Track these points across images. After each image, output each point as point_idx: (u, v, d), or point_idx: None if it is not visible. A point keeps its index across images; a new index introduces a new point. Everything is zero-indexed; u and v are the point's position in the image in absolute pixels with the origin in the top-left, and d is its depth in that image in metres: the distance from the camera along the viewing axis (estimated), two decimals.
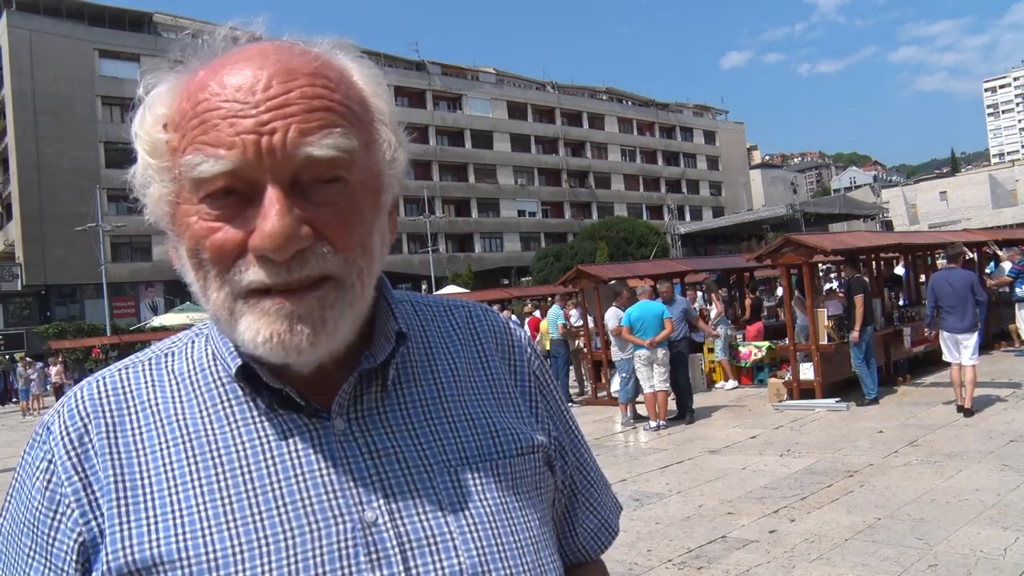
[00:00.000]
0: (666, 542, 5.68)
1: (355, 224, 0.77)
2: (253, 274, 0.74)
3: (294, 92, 0.74)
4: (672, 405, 10.96)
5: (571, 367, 14.77)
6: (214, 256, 0.75)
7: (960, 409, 9.07)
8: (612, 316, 11.02)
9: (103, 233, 39.25)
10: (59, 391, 25.55)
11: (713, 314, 13.91)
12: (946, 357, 9.25)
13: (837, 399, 10.66)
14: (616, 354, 11.05)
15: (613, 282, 12.69)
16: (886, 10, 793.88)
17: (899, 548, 5.03)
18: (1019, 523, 5.25)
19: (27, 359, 27.72)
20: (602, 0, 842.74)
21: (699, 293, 15.80)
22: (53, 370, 25.91)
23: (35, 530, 0.80)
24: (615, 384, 11.90)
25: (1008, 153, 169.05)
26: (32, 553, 0.81)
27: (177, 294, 46.04)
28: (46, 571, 0.79)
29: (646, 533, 5.91)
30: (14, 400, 29.15)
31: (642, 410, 10.92)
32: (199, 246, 0.75)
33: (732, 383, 13.44)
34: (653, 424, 10.49)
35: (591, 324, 13.88)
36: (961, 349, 8.95)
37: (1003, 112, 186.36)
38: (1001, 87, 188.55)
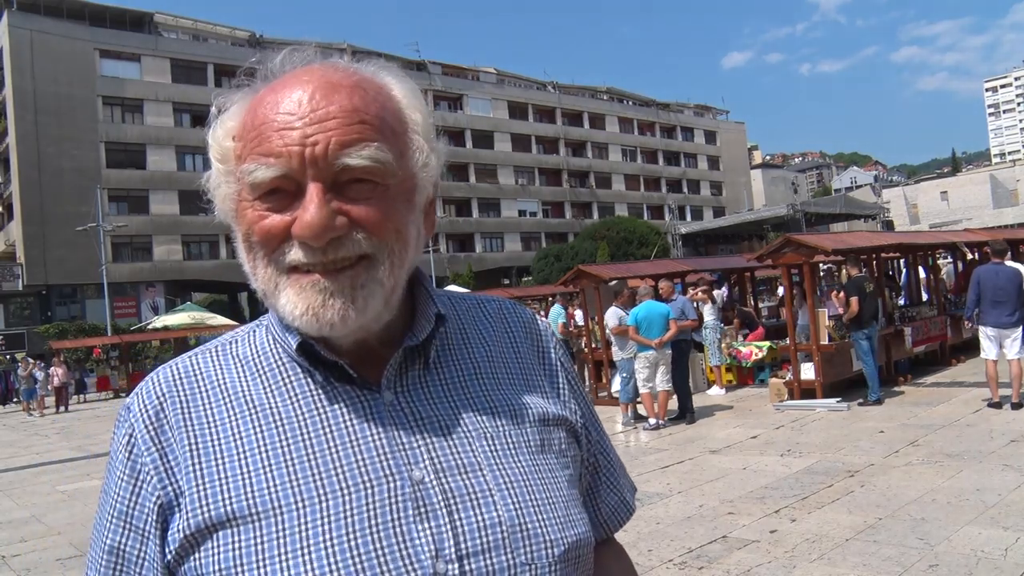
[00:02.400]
0: (667, 542, 5.68)
1: (389, 213, 0.87)
2: (294, 254, 0.85)
3: (334, 106, 0.85)
4: (672, 405, 10.97)
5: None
6: (262, 239, 0.87)
7: (991, 404, 9.13)
8: (612, 316, 11.03)
9: (104, 233, 39.23)
10: (61, 392, 25.33)
11: (707, 315, 13.70)
12: (985, 353, 9.25)
13: (838, 399, 10.66)
14: (617, 354, 11.06)
15: (614, 282, 12.69)
16: (887, 10, 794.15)
17: (900, 548, 5.02)
18: (1020, 523, 5.24)
19: (28, 359, 27.51)
20: (603, 0, 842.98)
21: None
22: (60, 371, 25.64)
23: (117, 497, 0.92)
24: (616, 384, 11.90)
25: (1009, 153, 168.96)
26: (111, 517, 0.92)
27: (178, 294, 46.18)
28: (125, 531, 0.91)
29: (647, 533, 5.91)
30: (15, 400, 29.04)
31: (643, 410, 10.92)
32: (250, 231, 0.87)
33: (719, 390, 13.26)
34: (652, 422, 10.52)
35: (592, 324, 13.88)
36: (1008, 343, 8.97)
37: (1004, 112, 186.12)
38: (1002, 87, 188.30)
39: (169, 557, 0.87)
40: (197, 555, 0.85)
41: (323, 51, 0.96)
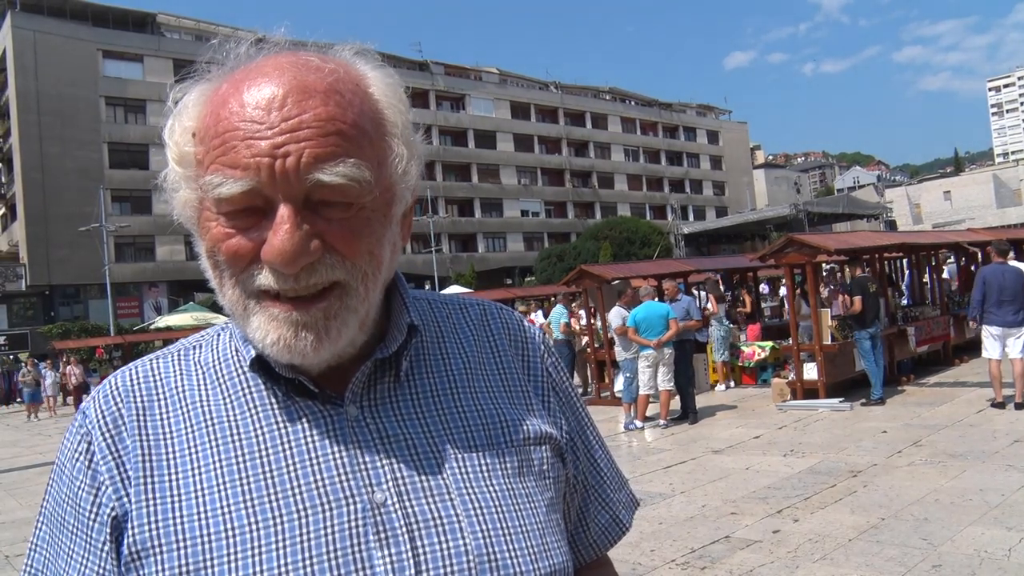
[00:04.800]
0: (669, 542, 5.68)
1: (364, 236, 0.81)
2: (264, 279, 0.79)
3: (308, 114, 0.77)
4: (675, 405, 10.97)
5: (575, 367, 14.74)
6: (229, 259, 0.80)
7: (994, 404, 9.12)
8: (615, 316, 11.03)
9: (107, 233, 39.25)
10: (78, 392, 24.83)
11: (709, 311, 13.81)
12: (987, 353, 9.24)
13: (841, 399, 10.65)
14: (620, 354, 11.06)
15: (616, 282, 12.69)
16: (890, 10, 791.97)
17: (903, 548, 5.02)
18: (1023, 523, 5.24)
19: (33, 359, 27.24)
20: (606, 0, 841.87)
21: (701, 293, 15.80)
22: (78, 371, 25.14)
23: (78, 508, 0.85)
24: (619, 384, 11.90)
25: (1012, 152, 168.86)
26: (75, 531, 0.85)
27: (181, 294, 46.15)
28: (87, 546, 0.84)
29: (649, 533, 5.91)
30: (18, 400, 28.91)
31: (648, 411, 10.92)
32: (216, 248, 0.81)
33: (722, 387, 13.33)
34: (639, 424, 10.66)
35: (595, 324, 13.88)
36: (1011, 343, 8.97)
37: (1007, 111, 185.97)
38: (1005, 86, 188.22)
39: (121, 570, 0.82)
40: (143, 573, 0.80)
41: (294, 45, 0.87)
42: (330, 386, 0.87)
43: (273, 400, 0.87)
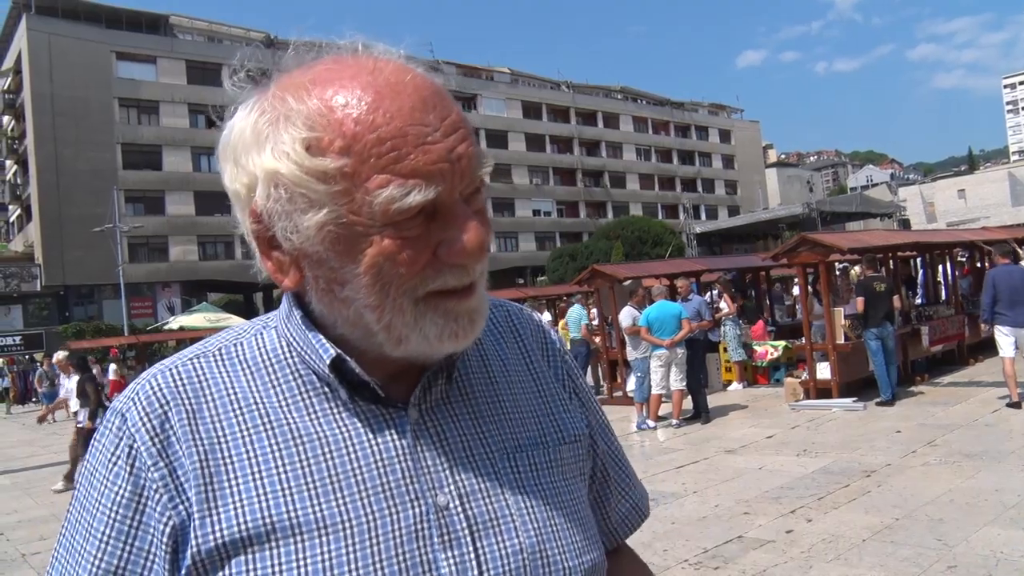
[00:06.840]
0: (682, 542, 5.67)
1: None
2: (444, 280, 0.80)
3: (454, 114, 0.79)
4: (687, 404, 10.94)
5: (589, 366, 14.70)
6: (408, 269, 0.78)
7: (1010, 404, 9.09)
8: (627, 315, 11.01)
9: (120, 234, 39.46)
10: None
11: (724, 311, 13.76)
12: (1003, 351, 9.21)
13: (854, 399, 10.60)
14: (631, 354, 11.04)
15: (628, 282, 12.68)
16: (903, 7, 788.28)
17: (917, 549, 4.99)
18: None
19: (49, 360, 27.21)
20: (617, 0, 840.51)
21: (712, 292, 15.74)
22: (95, 370, 24.61)
23: (114, 515, 0.81)
24: (631, 384, 11.89)
25: None
26: (107, 537, 0.81)
27: (194, 294, 46.44)
28: (125, 553, 0.80)
29: (662, 533, 5.90)
30: (34, 400, 29.06)
31: (661, 410, 10.90)
32: (388, 263, 0.77)
33: (738, 385, 13.34)
34: (651, 424, 10.63)
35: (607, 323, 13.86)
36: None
37: (1022, 109, 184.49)
38: (1021, 83, 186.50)
39: None
40: None
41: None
42: (388, 390, 0.86)
43: (334, 403, 0.86)
